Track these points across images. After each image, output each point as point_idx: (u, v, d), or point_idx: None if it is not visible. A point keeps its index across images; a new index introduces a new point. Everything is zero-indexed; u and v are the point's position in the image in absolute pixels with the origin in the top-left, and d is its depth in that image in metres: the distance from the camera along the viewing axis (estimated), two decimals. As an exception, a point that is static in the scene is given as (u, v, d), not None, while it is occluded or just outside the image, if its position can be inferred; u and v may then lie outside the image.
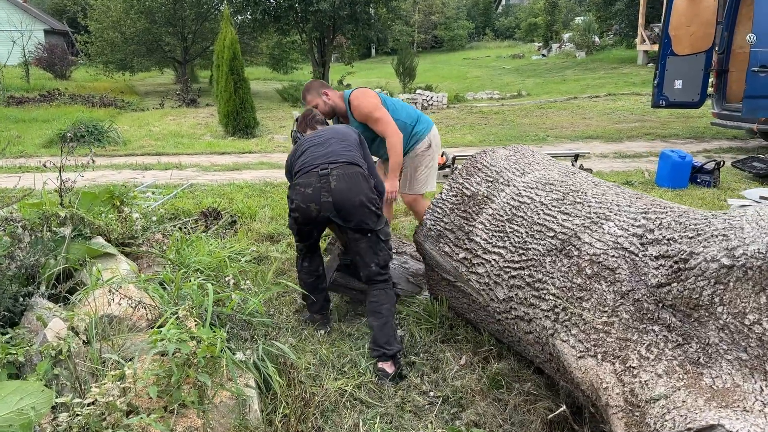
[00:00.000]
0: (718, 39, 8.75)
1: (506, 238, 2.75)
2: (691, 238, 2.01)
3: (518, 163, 3.14)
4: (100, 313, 2.44)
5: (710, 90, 9.11)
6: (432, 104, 15.88)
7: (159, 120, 14.23)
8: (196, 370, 2.15)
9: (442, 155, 6.33)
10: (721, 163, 6.48)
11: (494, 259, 2.76)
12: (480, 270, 2.83)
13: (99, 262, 2.97)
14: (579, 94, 16.79)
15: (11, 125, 12.51)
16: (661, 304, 1.99)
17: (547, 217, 2.63)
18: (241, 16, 21.54)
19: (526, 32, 37.88)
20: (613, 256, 2.23)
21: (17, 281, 2.73)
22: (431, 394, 2.72)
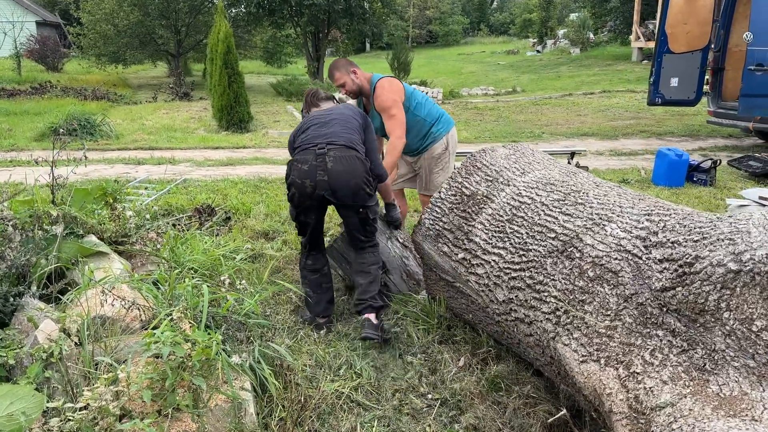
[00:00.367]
0: (714, 37, 8.74)
1: (506, 239, 2.71)
2: (696, 241, 1.98)
3: (518, 162, 3.10)
4: (93, 314, 2.39)
5: (706, 88, 9.10)
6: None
7: (152, 113, 14.11)
8: (191, 374, 2.10)
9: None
10: (717, 162, 6.47)
11: (494, 260, 2.72)
12: (479, 271, 2.79)
13: (91, 261, 2.91)
14: (574, 91, 16.79)
15: (2, 118, 12.36)
16: (665, 309, 1.96)
17: (548, 218, 2.59)
18: (235, 9, 21.46)
19: (521, 28, 37.90)
20: (615, 258, 2.20)
21: (7, 281, 2.66)
22: (429, 396, 2.69)
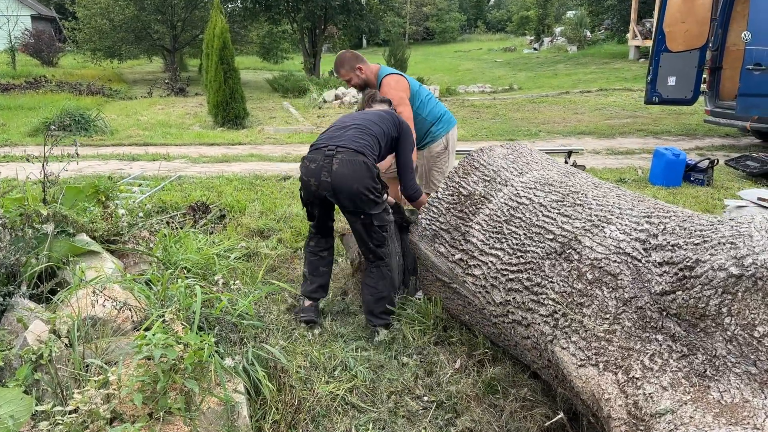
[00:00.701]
0: (712, 36, 8.72)
1: (504, 240, 2.68)
2: (696, 244, 1.95)
3: (516, 162, 3.07)
4: (84, 315, 2.35)
5: (703, 87, 9.08)
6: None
7: (147, 109, 14.03)
8: (183, 376, 2.07)
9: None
10: (715, 162, 6.45)
11: (491, 261, 2.69)
12: (476, 272, 2.76)
13: (83, 260, 2.86)
14: (570, 89, 16.77)
15: (-4, 113, 12.28)
16: (665, 313, 1.93)
17: (546, 219, 2.56)
18: (231, 5, 21.38)
19: (518, 25, 37.91)
20: (615, 261, 2.17)
21: (-3, 280, 2.62)
22: (425, 398, 2.65)
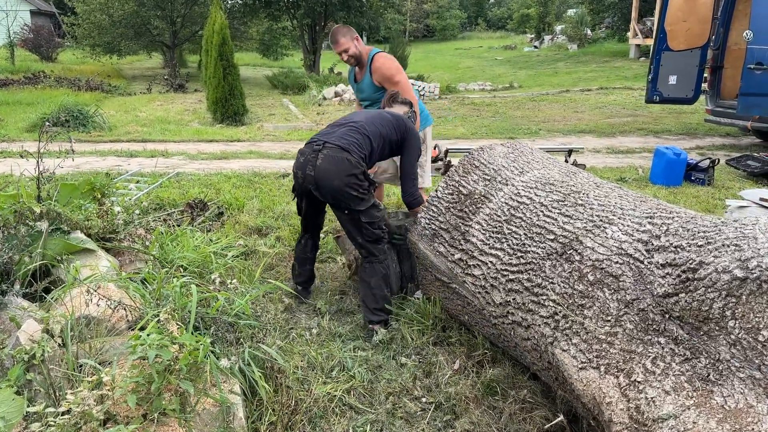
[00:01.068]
0: (713, 35, 8.68)
1: (504, 240, 2.64)
2: (700, 246, 1.92)
3: (517, 161, 3.04)
4: (77, 314, 2.31)
5: (704, 86, 9.04)
6: (424, 94, 15.68)
7: (146, 105, 13.98)
8: (178, 377, 2.03)
9: (434, 147, 6.24)
10: (716, 161, 6.41)
11: (491, 261, 2.66)
12: (476, 272, 2.72)
13: (78, 258, 2.83)
14: (571, 87, 16.73)
15: (-5, 108, 12.24)
16: (667, 315, 1.90)
17: (547, 219, 2.53)
18: (231, 1, 21.30)
19: (519, 23, 37.85)
20: (616, 262, 2.14)
21: (-10, 278, 2.59)
22: (423, 399, 2.62)
